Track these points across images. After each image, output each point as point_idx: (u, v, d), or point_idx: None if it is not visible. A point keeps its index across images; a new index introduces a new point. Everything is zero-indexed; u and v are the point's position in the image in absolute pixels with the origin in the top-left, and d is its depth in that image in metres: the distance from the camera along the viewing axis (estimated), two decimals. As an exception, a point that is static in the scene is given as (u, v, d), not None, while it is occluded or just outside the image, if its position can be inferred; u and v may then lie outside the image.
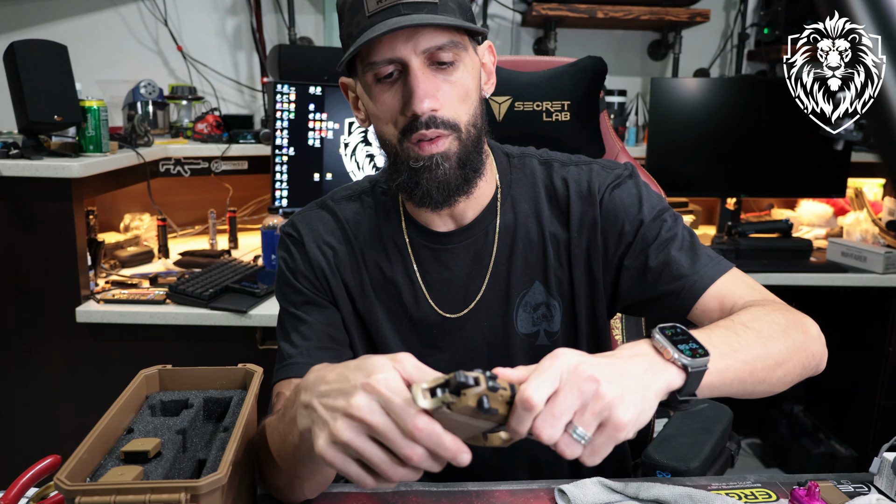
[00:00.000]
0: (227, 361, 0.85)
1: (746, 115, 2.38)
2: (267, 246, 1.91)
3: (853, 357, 2.40)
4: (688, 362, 0.64)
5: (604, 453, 0.60)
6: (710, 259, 0.90)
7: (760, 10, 2.63)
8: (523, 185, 0.96)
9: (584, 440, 0.58)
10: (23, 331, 1.69)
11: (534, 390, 0.57)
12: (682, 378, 0.65)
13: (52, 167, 1.60)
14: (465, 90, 0.83)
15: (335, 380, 0.62)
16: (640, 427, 0.61)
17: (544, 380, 0.58)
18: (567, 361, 0.60)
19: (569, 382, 0.58)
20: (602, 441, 0.59)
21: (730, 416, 1.21)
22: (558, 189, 0.95)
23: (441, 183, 0.84)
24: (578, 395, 0.58)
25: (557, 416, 0.57)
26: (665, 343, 0.66)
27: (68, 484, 0.60)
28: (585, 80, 1.29)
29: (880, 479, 0.88)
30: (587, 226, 0.93)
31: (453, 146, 0.84)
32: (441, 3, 0.80)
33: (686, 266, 0.88)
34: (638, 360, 0.64)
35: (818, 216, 2.61)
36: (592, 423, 0.59)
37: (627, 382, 0.61)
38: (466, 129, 0.84)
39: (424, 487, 0.88)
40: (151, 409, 0.79)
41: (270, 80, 2.10)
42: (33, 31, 2.37)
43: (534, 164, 0.97)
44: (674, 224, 0.92)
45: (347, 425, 0.59)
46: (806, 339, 0.81)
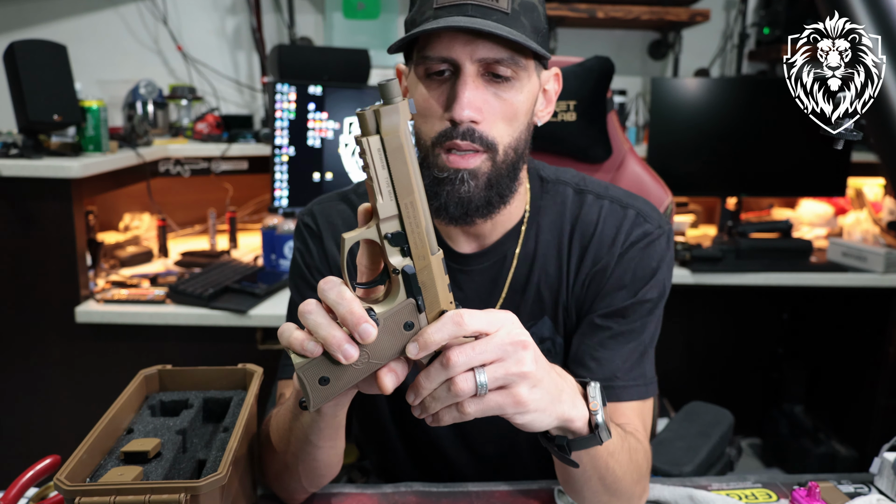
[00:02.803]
0: (227, 361, 0.85)
1: (746, 115, 2.38)
2: (267, 246, 1.91)
3: (853, 357, 2.40)
4: (600, 425, 0.66)
5: (481, 412, 0.59)
6: (643, 377, 0.87)
7: (760, 10, 2.63)
8: (551, 213, 0.91)
9: (482, 389, 0.58)
10: (23, 331, 1.69)
11: (471, 315, 0.58)
12: (584, 429, 0.67)
13: (52, 167, 1.60)
14: (514, 111, 0.78)
15: None
16: (526, 426, 0.62)
17: (486, 317, 0.58)
18: (517, 324, 0.60)
19: (505, 336, 0.59)
20: (493, 402, 0.59)
21: (730, 422, 1.19)
22: (586, 223, 0.90)
23: (461, 200, 0.79)
24: (504, 351, 0.58)
25: (476, 352, 0.58)
26: (597, 396, 0.67)
27: (68, 484, 0.60)
28: (592, 80, 1.28)
29: (880, 479, 0.88)
30: (597, 271, 0.88)
31: (485, 166, 0.79)
32: (513, 14, 0.75)
33: (619, 365, 0.85)
34: (568, 384, 0.67)
35: (818, 216, 2.61)
36: (499, 379, 0.58)
37: (549, 382, 0.62)
38: (504, 152, 0.79)
39: (424, 488, 0.88)
40: (151, 409, 0.79)
41: (270, 80, 2.10)
42: (33, 31, 2.37)
43: (567, 192, 0.91)
44: (648, 319, 0.87)
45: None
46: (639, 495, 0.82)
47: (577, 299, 0.90)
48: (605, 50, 2.69)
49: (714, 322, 2.67)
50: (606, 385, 0.83)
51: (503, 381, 0.59)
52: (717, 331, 2.69)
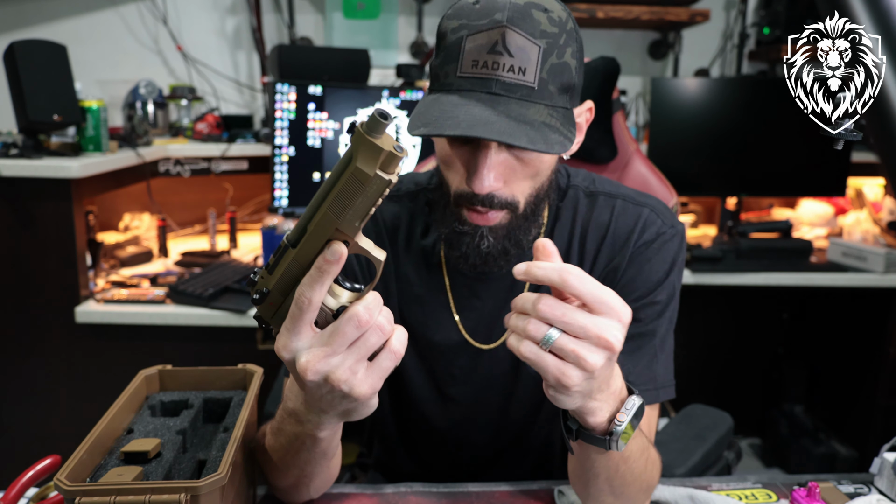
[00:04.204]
0: (227, 361, 0.85)
1: (746, 115, 2.38)
2: (267, 246, 1.91)
3: (853, 357, 2.40)
4: (616, 432, 0.65)
5: (531, 360, 0.59)
6: (653, 381, 0.86)
7: (761, 10, 2.63)
8: (565, 222, 0.91)
9: (545, 344, 0.59)
10: (23, 331, 1.69)
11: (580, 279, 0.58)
12: (601, 430, 0.66)
13: (52, 167, 1.60)
14: (537, 170, 0.78)
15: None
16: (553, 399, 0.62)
17: (596, 292, 0.59)
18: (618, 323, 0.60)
19: (598, 324, 0.58)
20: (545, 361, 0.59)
21: (729, 425, 1.18)
22: (599, 224, 0.90)
23: (480, 253, 0.80)
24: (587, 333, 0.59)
25: (564, 315, 0.58)
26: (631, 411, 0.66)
27: (68, 484, 0.60)
28: (597, 80, 1.27)
29: (880, 479, 0.88)
30: (610, 269, 0.89)
31: (504, 219, 0.80)
32: (540, 86, 0.72)
33: (633, 374, 0.84)
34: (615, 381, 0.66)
35: (818, 216, 2.61)
36: (563, 350, 0.59)
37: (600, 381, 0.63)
38: (526, 204, 0.80)
39: (424, 488, 0.88)
40: (151, 409, 0.79)
41: (270, 80, 2.10)
42: (33, 31, 2.37)
43: (578, 195, 0.91)
44: (658, 322, 0.87)
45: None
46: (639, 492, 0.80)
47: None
48: (605, 50, 2.69)
49: (714, 322, 2.67)
50: None
51: (564, 354, 0.59)
52: (717, 331, 2.69)
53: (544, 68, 0.72)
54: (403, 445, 1.02)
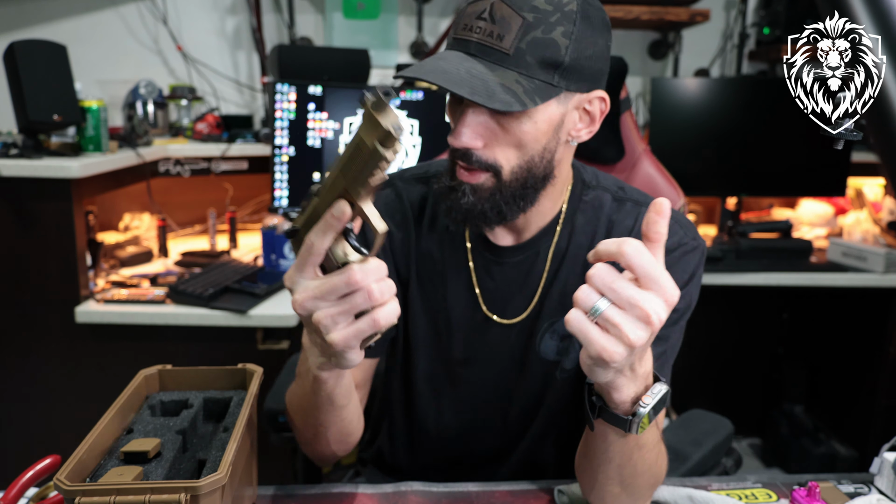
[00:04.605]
0: (227, 361, 0.85)
1: (746, 115, 2.38)
2: (267, 246, 1.91)
3: (853, 357, 2.40)
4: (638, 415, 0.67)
5: (575, 329, 0.61)
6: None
7: (761, 10, 2.63)
8: (587, 215, 0.92)
9: (592, 314, 0.60)
10: (23, 331, 1.69)
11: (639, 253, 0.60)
12: (624, 409, 0.68)
13: (52, 167, 1.60)
14: (519, 140, 0.79)
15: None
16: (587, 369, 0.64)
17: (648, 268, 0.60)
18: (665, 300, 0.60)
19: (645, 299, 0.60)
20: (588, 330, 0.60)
21: (729, 431, 1.14)
22: (622, 229, 0.91)
23: (461, 208, 0.82)
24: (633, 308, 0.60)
25: (614, 285, 0.60)
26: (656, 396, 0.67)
27: (68, 484, 0.60)
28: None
29: (880, 479, 0.88)
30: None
31: (489, 182, 0.81)
32: (516, 54, 0.75)
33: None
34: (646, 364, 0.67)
35: (818, 216, 2.61)
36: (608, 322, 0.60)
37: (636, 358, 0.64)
38: (511, 174, 0.81)
39: (424, 488, 0.88)
40: (151, 409, 0.79)
41: (270, 80, 2.10)
42: (33, 31, 2.37)
43: (606, 197, 0.93)
44: (673, 329, 0.88)
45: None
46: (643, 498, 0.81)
47: None
48: (605, 50, 2.69)
49: (714, 322, 2.67)
50: None
51: (609, 326, 0.60)
52: (717, 331, 2.69)
53: (524, 39, 0.75)
54: (409, 436, 1.03)
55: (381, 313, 0.63)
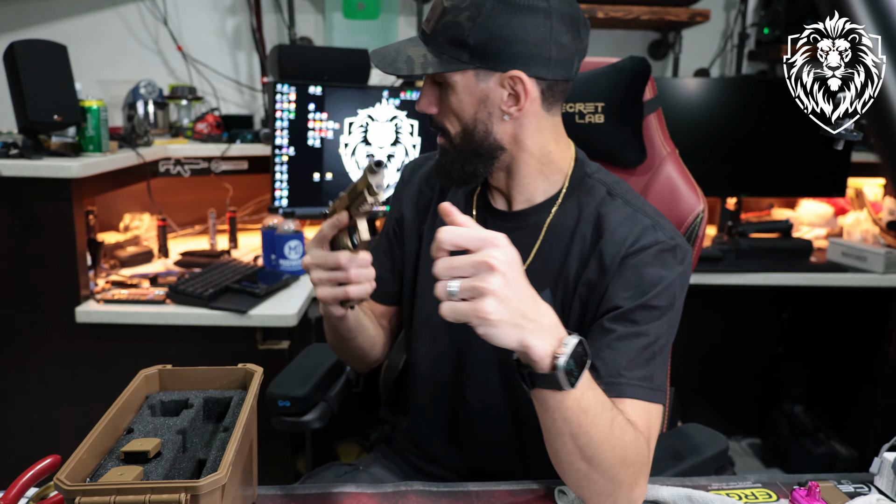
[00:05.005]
0: (227, 361, 0.85)
1: (746, 115, 2.38)
2: (267, 246, 1.91)
3: (853, 357, 2.40)
4: (559, 367, 0.71)
5: (452, 315, 0.70)
6: (649, 381, 0.86)
7: (760, 10, 2.63)
8: (580, 201, 0.98)
9: (452, 295, 0.70)
10: (23, 331, 1.69)
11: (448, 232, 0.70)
12: (545, 366, 0.72)
13: (52, 167, 1.60)
14: (454, 109, 0.93)
15: None
16: (488, 337, 0.70)
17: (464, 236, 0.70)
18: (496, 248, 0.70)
19: (477, 256, 0.69)
20: (461, 309, 0.70)
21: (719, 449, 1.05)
22: (607, 221, 0.95)
23: (440, 167, 0.99)
24: (475, 268, 0.69)
25: (452, 265, 0.70)
26: (569, 345, 0.72)
27: (68, 484, 0.60)
28: (623, 80, 1.23)
29: (880, 479, 0.88)
30: (603, 269, 0.92)
31: (446, 145, 0.97)
32: (432, 34, 0.91)
33: (625, 365, 0.86)
34: (544, 316, 0.73)
35: (818, 216, 2.61)
36: (466, 290, 0.69)
37: (517, 306, 0.70)
38: (456, 137, 0.94)
39: (424, 487, 0.89)
40: (151, 409, 0.79)
41: (270, 80, 2.10)
42: (33, 31, 2.37)
43: (601, 190, 0.98)
44: (656, 325, 0.88)
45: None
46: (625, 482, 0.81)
47: (576, 285, 0.95)
48: (604, 50, 2.69)
49: (714, 322, 2.67)
50: (610, 382, 0.84)
51: (469, 293, 0.69)
52: (717, 331, 2.69)
53: (440, 23, 0.90)
54: (409, 375, 1.12)
55: (352, 289, 0.87)
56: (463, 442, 1.05)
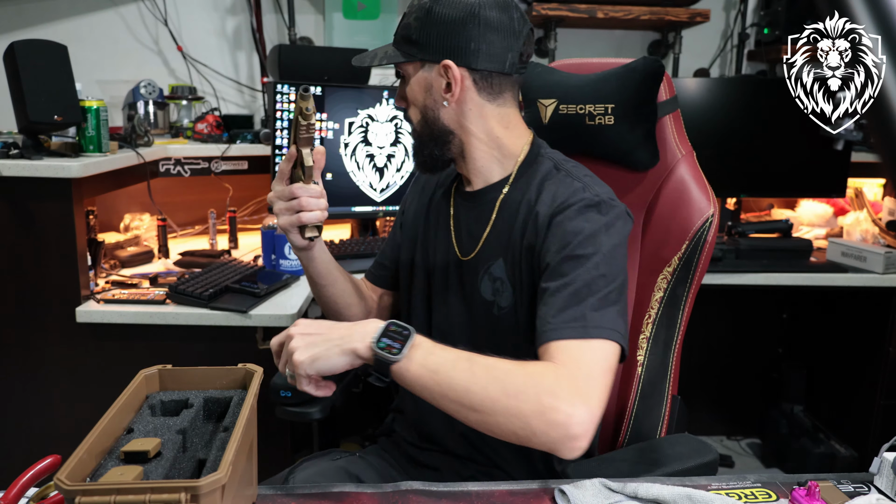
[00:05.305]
0: (227, 361, 0.85)
1: (746, 115, 2.38)
2: (267, 246, 1.91)
3: (853, 357, 2.40)
4: (375, 348, 0.85)
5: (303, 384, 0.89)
6: (579, 320, 0.88)
7: (760, 10, 2.63)
8: (528, 178, 1.08)
9: (290, 376, 0.90)
10: (23, 331, 1.69)
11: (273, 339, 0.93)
12: (370, 355, 0.86)
13: (52, 167, 1.60)
14: (410, 98, 1.09)
15: None
16: (321, 369, 0.87)
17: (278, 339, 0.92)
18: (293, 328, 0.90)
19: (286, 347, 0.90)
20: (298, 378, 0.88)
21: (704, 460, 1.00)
22: (548, 191, 1.04)
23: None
24: (287, 353, 0.89)
25: (282, 359, 0.91)
26: (376, 332, 0.87)
27: (68, 484, 0.60)
28: (634, 81, 1.22)
29: (880, 479, 0.88)
30: (537, 232, 1.01)
31: (413, 134, 1.12)
32: (396, 34, 1.08)
33: (552, 313, 0.90)
34: (342, 327, 0.90)
35: (818, 216, 2.61)
36: (288, 366, 0.89)
37: (313, 339, 0.88)
38: (417, 126, 1.09)
39: (424, 487, 0.89)
40: (151, 409, 0.79)
41: (270, 80, 2.10)
42: (33, 31, 2.37)
43: (549, 165, 1.08)
44: (581, 270, 0.93)
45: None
46: (530, 412, 0.81)
47: (521, 252, 1.04)
48: (604, 50, 2.69)
49: (713, 322, 2.67)
50: (539, 334, 0.90)
51: (290, 366, 0.88)
52: (716, 331, 2.69)
53: (400, 25, 1.07)
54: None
55: (304, 215, 1.03)
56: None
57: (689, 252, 1.20)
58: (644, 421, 1.20)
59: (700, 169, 1.27)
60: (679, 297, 1.23)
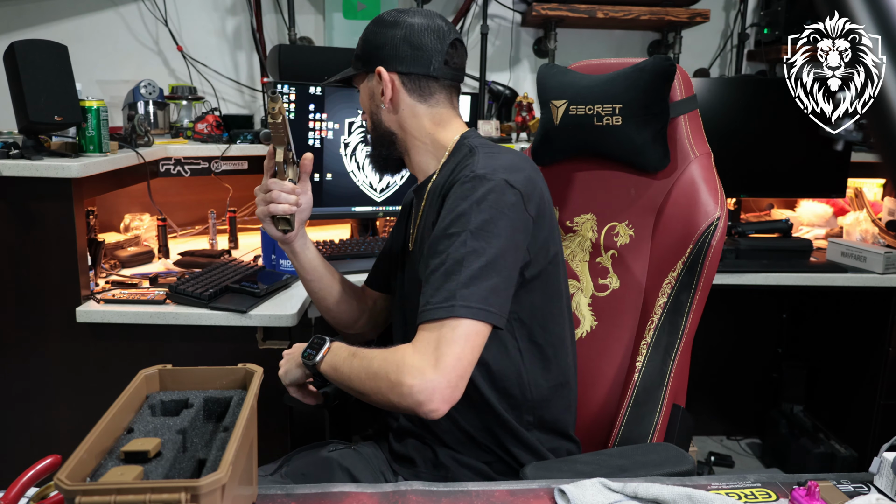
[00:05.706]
0: (227, 361, 0.85)
1: (746, 115, 2.38)
2: (267, 246, 1.91)
3: (853, 357, 2.40)
4: (307, 364, 1.09)
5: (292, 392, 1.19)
6: (451, 298, 0.94)
7: (760, 10, 2.63)
8: (451, 164, 1.14)
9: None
10: (23, 331, 1.69)
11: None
12: (308, 366, 1.09)
13: (52, 167, 1.60)
14: (363, 107, 1.22)
15: None
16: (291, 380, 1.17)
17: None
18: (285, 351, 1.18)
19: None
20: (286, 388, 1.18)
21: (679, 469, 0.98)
22: (454, 172, 1.11)
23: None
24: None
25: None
26: (306, 344, 1.11)
27: (68, 484, 0.60)
28: (643, 81, 1.20)
29: (880, 478, 0.88)
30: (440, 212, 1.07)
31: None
32: (355, 56, 1.20)
33: (429, 294, 0.97)
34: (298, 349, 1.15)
35: (818, 216, 2.61)
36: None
37: (287, 358, 1.18)
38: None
39: (424, 487, 0.89)
40: (151, 409, 0.79)
41: (270, 80, 2.10)
42: (33, 31, 2.37)
43: (466, 150, 1.14)
44: (453, 246, 0.98)
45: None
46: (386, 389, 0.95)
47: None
48: (604, 50, 2.69)
49: (713, 322, 2.66)
50: (418, 315, 0.98)
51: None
52: (716, 331, 2.69)
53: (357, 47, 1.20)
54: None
55: (272, 206, 1.17)
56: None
57: (694, 256, 1.17)
58: (634, 428, 1.16)
59: (715, 171, 1.22)
60: (683, 303, 1.20)
